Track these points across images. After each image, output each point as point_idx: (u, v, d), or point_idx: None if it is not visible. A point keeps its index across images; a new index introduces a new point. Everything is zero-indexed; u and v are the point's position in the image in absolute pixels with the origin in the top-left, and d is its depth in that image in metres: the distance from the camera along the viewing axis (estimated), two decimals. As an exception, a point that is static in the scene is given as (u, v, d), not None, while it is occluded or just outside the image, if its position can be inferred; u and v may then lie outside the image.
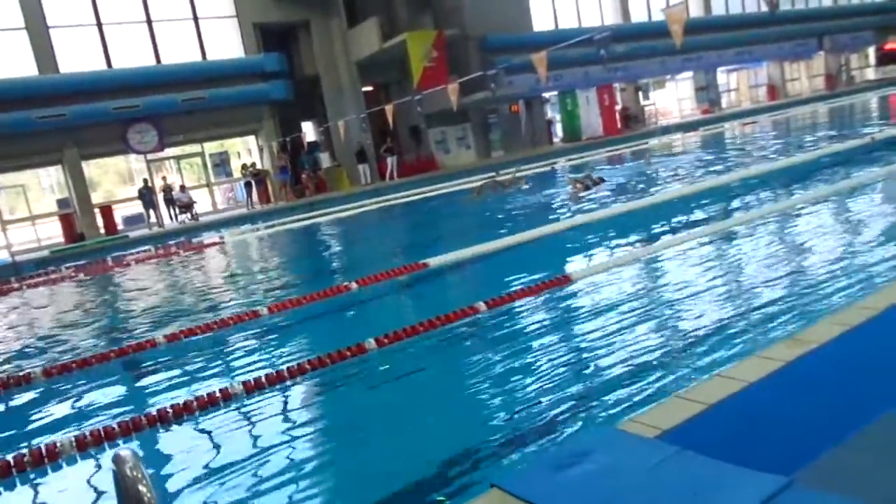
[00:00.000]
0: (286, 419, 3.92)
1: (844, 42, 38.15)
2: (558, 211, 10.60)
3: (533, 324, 4.98)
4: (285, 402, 4.14)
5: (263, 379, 4.17)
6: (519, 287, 5.63)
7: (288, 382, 4.22)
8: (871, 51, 41.77)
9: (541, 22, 28.76)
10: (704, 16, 32.79)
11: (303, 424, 3.83)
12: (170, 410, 3.87)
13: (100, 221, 19.99)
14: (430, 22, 23.56)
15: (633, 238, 7.66)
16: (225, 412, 3.94)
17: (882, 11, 40.80)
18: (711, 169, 12.67)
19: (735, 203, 8.73)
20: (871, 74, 41.99)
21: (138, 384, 5.03)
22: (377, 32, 21.86)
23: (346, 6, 22.86)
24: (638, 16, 32.19)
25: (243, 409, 3.96)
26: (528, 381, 3.78)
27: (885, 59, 41.20)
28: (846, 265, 5.05)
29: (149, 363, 5.36)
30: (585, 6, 30.78)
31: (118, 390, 4.99)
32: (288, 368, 4.33)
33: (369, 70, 23.50)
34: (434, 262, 7.08)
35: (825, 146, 12.78)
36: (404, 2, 23.59)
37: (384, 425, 3.67)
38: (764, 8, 32.38)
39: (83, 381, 5.05)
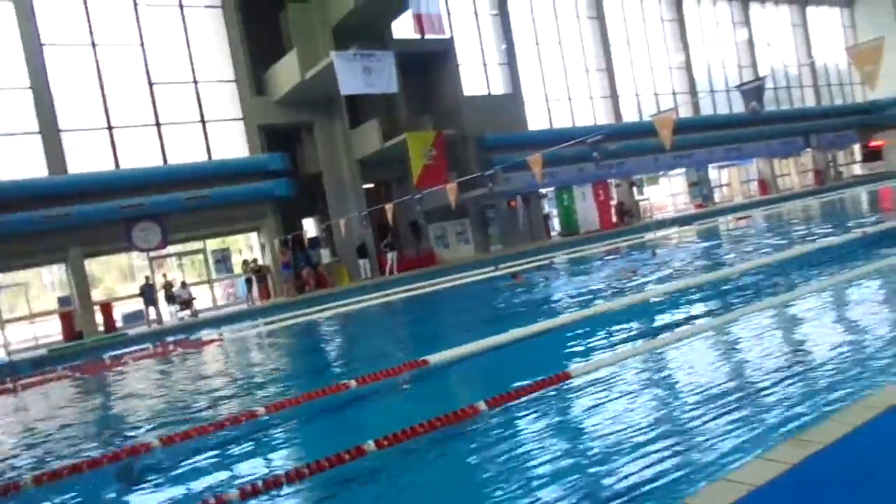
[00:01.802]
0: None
1: (830, 140, 39.48)
2: (558, 305, 10.62)
3: (531, 424, 4.90)
4: (282, 508, 4.02)
5: (260, 484, 4.07)
6: (518, 385, 5.57)
7: (285, 488, 4.11)
8: (857, 148, 43.16)
9: (536, 121, 29.86)
10: (693, 116, 34.07)
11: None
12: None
13: (99, 318, 19.97)
14: (429, 122, 24.46)
15: (633, 333, 7.66)
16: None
17: (863, 112, 42.49)
18: (709, 263, 12.80)
19: (734, 296, 8.77)
20: (858, 170, 43.20)
21: (130, 491, 4.89)
22: (378, 133, 22.65)
23: (348, 109, 23.77)
24: (629, 115, 33.49)
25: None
26: (528, 485, 3.69)
27: (870, 155, 42.55)
28: (845, 361, 5.04)
29: (145, 467, 5.23)
30: (578, 106, 32.05)
31: (110, 498, 4.84)
32: (286, 473, 4.23)
33: (370, 168, 24.16)
34: (434, 359, 7.03)
35: (819, 240, 12.97)
36: (405, 104, 24.59)
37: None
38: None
39: (76, 489, 4.92)
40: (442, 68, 26.33)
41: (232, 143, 22.76)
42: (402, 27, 24.31)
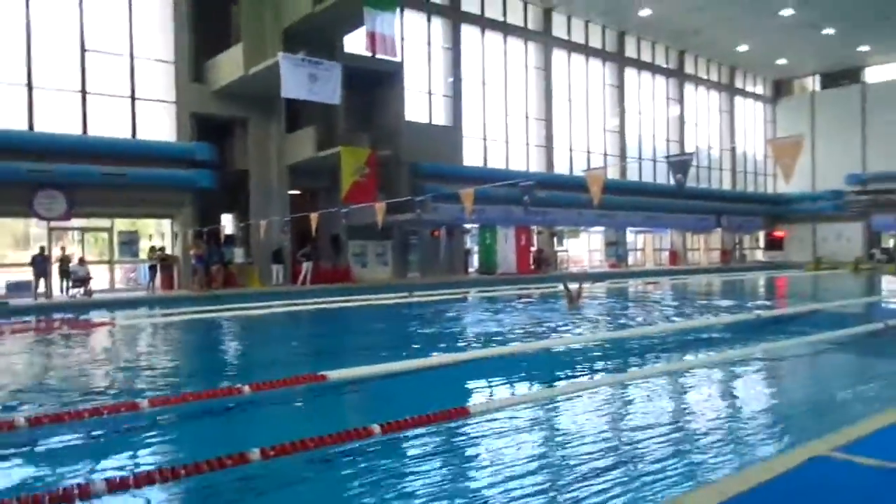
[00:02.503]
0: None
1: (739, 223, 42.06)
2: (466, 339, 10.69)
3: (424, 455, 4.88)
4: (150, 509, 3.81)
5: (131, 480, 3.84)
6: (416, 415, 5.53)
7: (157, 485, 3.90)
8: (762, 235, 46.14)
9: (471, 157, 30.34)
10: (620, 178, 35.52)
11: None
12: (16, 502, 3.48)
13: (-20, 283, 18.59)
14: (365, 140, 24.39)
15: (534, 378, 7.78)
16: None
17: (772, 202, 45.59)
18: (616, 321, 13.23)
19: (632, 357, 9.08)
20: (760, 255, 46.10)
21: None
22: (313, 141, 22.37)
23: (286, 112, 23.42)
24: (560, 167, 34.57)
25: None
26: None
27: (772, 243, 45.59)
28: (726, 432, 5.29)
29: (3, 446, 4.86)
30: (514, 150, 32.83)
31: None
32: (160, 470, 4.01)
33: (299, 174, 23.78)
34: (334, 375, 6.91)
35: (719, 315, 13.66)
36: (344, 117, 24.46)
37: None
38: (673, 181, 35.48)
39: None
40: (387, 89, 26.43)
41: (160, 126, 21.93)
42: (355, 42, 24.30)
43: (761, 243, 46.91)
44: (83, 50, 20.68)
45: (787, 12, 34.10)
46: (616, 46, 38.00)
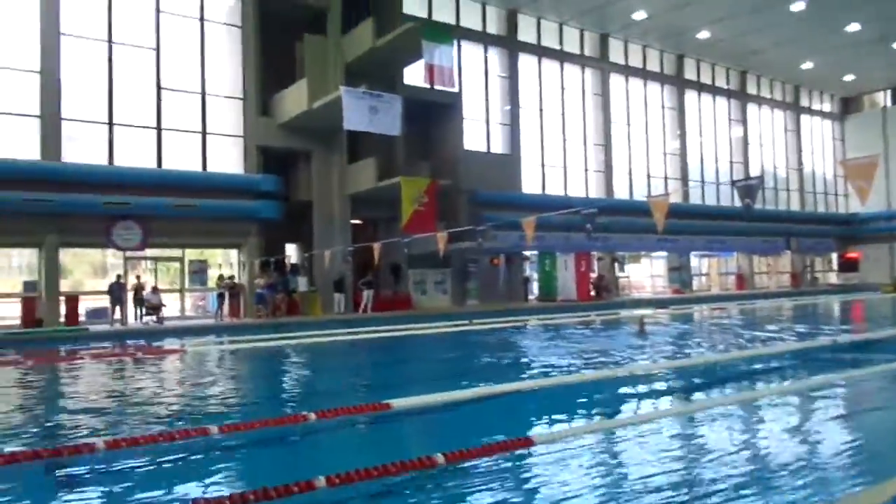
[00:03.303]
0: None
1: (809, 245, 40.47)
2: (528, 368, 10.61)
3: (486, 486, 4.85)
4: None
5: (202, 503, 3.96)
6: (480, 444, 5.52)
7: (229, 512, 4.00)
8: (834, 256, 44.25)
9: (529, 185, 30.32)
10: (682, 202, 34.80)
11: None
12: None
13: (62, 310, 19.57)
14: (425, 169, 24.74)
15: (597, 408, 7.65)
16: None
17: (843, 223, 43.75)
18: (682, 349, 12.89)
19: (700, 386, 8.82)
20: (833, 278, 44.16)
21: (67, 491, 4.73)
22: (374, 171, 22.83)
23: (348, 144, 24.00)
24: (620, 192, 34.14)
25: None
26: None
27: (846, 265, 43.62)
28: (804, 467, 5.07)
29: (83, 469, 5.08)
30: (572, 176, 32.65)
31: (45, 496, 4.68)
32: (230, 496, 4.12)
33: (360, 204, 24.26)
34: (398, 403, 6.95)
35: (790, 342, 13.14)
36: (404, 148, 24.90)
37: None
38: (738, 203, 34.51)
39: (10, 480, 4.75)
40: (446, 120, 26.80)
41: (228, 159, 22.82)
42: (414, 74, 24.81)
43: (834, 265, 44.97)
44: (159, 88, 21.82)
45: (853, 28, 33.06)
46: (675, 69, 37.53)
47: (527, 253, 29.33)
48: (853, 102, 47.81)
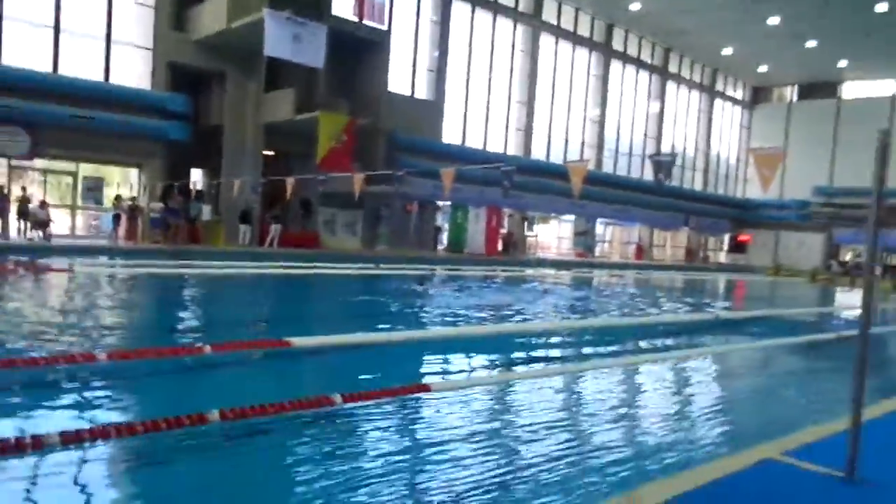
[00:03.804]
0: (99, 480, 3.54)
1: (706, 224, 42.74)
2: (430, 316, 10.73)
3: (381, 428, 4.90)
4: (104, 462, 3.76)
5: (86, 433, 3.78)
6: (378, 387, 5.55)
7: (113, 440, 3.85)
8: (727, 237, 47.03)
9: (450, 135, 30.20)
10: (596, 170, 35.74)
11: (115, 487, 3.48)
12: (-36, 449, 3.40)
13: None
14: (346, 107, 24.08)
15: (493, 360, 7.86)
16: (37, 463, 3.52)
17: (740, 207, 46.40)
18: (579, 311, 13.40)
19: (590, 348, 9.22)
20: (723, 258, 47.01)
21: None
22: (292, 103, 22.02)
23: (266, 70, 22.95)
24: (538, 152, 34.64)
25: (57, 461, 3.57)
26: (356, 483, 3.67)
27: (737, 247, 46.50)
28: (678, 429, 5.41)
29: None
30: (493, 131, 32.78)
31: None
32: (116, 425, 3.96)
33: (275, 136, 23.42)
34: (298, 342, 6.86)
35: (679, 313, 13.92)
36: (326, 82, 24.08)
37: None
38: (648, 176, 35.77)
39: None
40: (372, 58, 26.05)
41: (134, 73, 21.34)
42: (343, 5, 23.88)
43: (725, 246, 47.82)
44: (59, -16, 19.95)
45: (774, 21, 34.45)
46: (604, 37, 38.02)
47: (440, 203, 29.39)
48: (763, 93, 50.22)
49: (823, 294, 26.64)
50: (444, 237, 30.69)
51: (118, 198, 21.18)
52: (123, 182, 23.01)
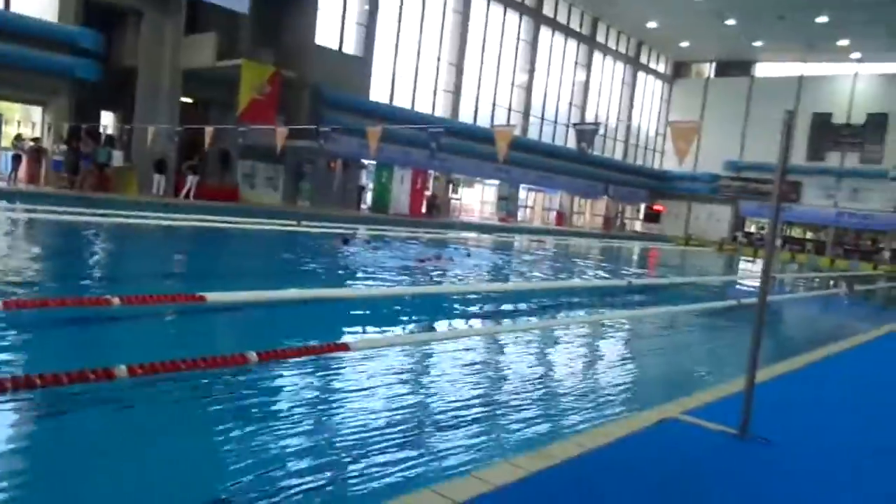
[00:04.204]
0: (-6, 438, 3.38)
1: (624, 194, 44.10)
2: (351, 276, 10.66)
3: (299, 386, 4.87)
4: (2, 415, 3.59)
5: (-22, 386, 3.57)
6: (295, 345, 5.49)
7: (9, 394, 3.65)
8: (643, 207, 48.71)
9: (377, 93, 29.67)
10: (521, 136, 36.05)
11: (15, 441, 3.32)
12: None
13: None
14: (270, 56, 23.18)
15: (412, 321, 7.91)
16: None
17: (656, 178, 48.01)
18: (499, 274, 13.62)
19: (507, 311, 9.42)
20: (638, 226, 48.74)
21: None
22: (214, 48, 20.99)
23: (186, 13, 21.75)
24: (465, 115, 34.57)
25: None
26: (267, 446, 3.65)
27: (651, 216, 48.30)
28: (586, 390, 5.64)
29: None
30: (421, 91, 32.42)
31: None
32: (13, 378, 3.75)
33: (193, 82, 22.34)
34: (213, 297, 6.68)
35: (595, 279, 14.38)
36: (249, 29, 23.08)
37: (105, 461, 3.30)
38: (572, 144, 36.39)
39: None
40: (299, 7, 25.10)
41: (40, 3, 19.73)
42: (270, -51, 22.83)
43: (641, 215, 49.55)
44: None
45: (697, -3, 35.38)
46: (535, 2, 38.01)
47: (365, 161, 28.99)
48: (683, 68, 51.71)
49: (728, 263, 28.13)
50: (369, 196, 30.39)
51: (18, 137, 19.77)
52: (25, 121, 21.47)
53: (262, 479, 3.21)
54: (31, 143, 19.60)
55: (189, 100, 23.15)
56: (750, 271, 23.94)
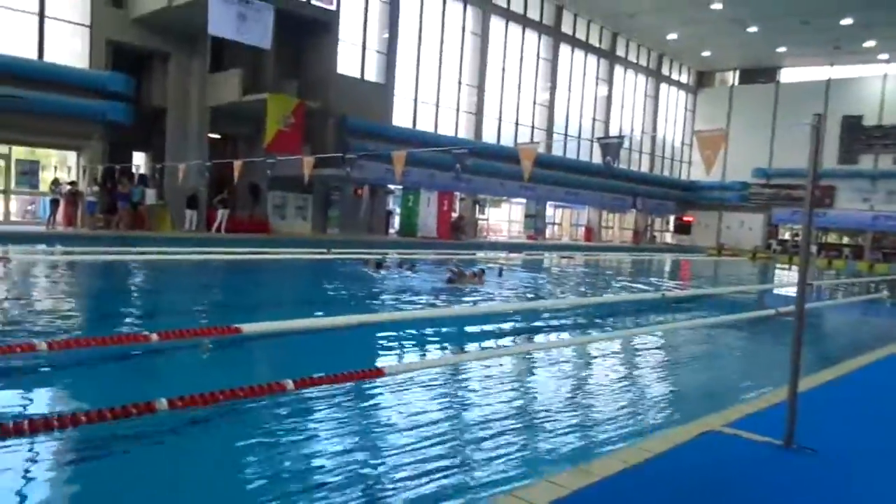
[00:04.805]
0: (47, 471, 3.45)
1: (653, 206, 43.70)
2: (383, 300, 10.70)
3: (336, 413, 4.89)
4: (50, 454, 3.66)
5: (25, 425, 3.66)
6: (332, 372, 5.53)
7: (56, 432, 3.74)
8: (672, 219, 48.21)
9: (400, 118, 30.00)
10: (545, 153, 36.05)
11: (63, 479, 3.39)
12: None
13: None
14: (294, 88, 23.64)
15: (446, 343, 7.91)
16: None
17: (684, 188, 47.55)
18: (532, 292, 13.56)
19: (541, 328, 9.36)
20: (668, 238, 48.19)
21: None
22: (239, 84, 21.47)
23: (212, 51, 22.32)
24: (488, 136, 34.72)
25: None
26: (309, 473, 3.67)
27: (681, 228, 47.76)
28: (626, 405, 5.57)
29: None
30: (444, 114, 32.68)
31: None
32: (60, 416, 3.85)
33: (220, 118, 22.85)
34: (248, 328, 6.78)
35: (627, 293, 14.23)
36: (272, 62, 23.57)
37: (149, 492, 3.35)
38: (597, 160, 36.28)
39: None
40: (320, 39, 25.60)
41: (72, 51, 20.44)
42: (290, -15, 23.33)
43: (671, 226, 49.01)
44: (-13, -42, 18.93)
45: (716, 6, 35.18)
46: (553, 21, 38.20)
47: (391, 186, 29.24)
48: (706, 77, 51.33)
49: (763, 272, 27.61)
50: (396, 221, 30.58)
51: (56, 182, 20.36)
52: (61, 165, 22.12)
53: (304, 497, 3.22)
54: (69, 187, 20.17)
55: (217, 136, 23.65)
56: (786, 279, 23.47)
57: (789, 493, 3.22)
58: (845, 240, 43.63)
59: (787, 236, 44.72)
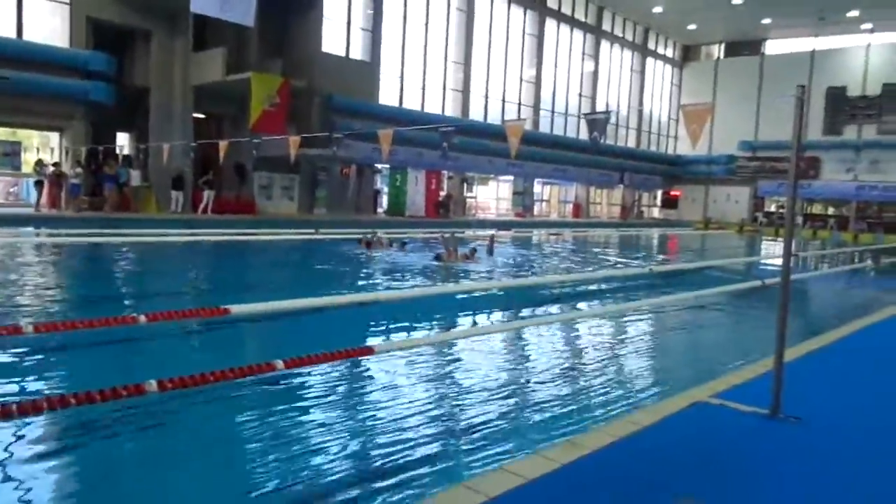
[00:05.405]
0: (35, 454, 3.44)
1: (640, 181, 43.76)
2: (371, 279, 10.70)
3: (327, 391, 4.91)
4: (35, 437, 3.65)
5: (14, 407, 3.64)
6: (320, 351, 5.53)
7: (45, 414, 3.72)
8: (659, 193, 48.36)
9: (386, 96, 29.76)
10: (533, 130, 35.96)
11: (49, 459, 3.39)
12: None
13: None
14: (278, 67, 23.37)
15: (435, 321, 7.93)
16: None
17: (671, 163, 47.65)
18: (518, 270, 13.59)
19: (531, 305, 9.40)
20: (655, 213, 48.38)
21: None
22: (222, 63, 21.19)
23: (194, 29, 21.97)
24: (475, 113, 34.54)
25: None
26: (302, 449, 3.69)
27: (668, 202, 47.94)
28: (616, 378, 5.62)
29: None
30: (430, 92, 32.45)
31: None
32: (48, 398, 3.82)
33: (204, 97, 22.57)
34: (237, 309, 6.74)
35: (615, 268, 14.31)
36: (256, 41, 23.26)
37: (141, 473, 3.36)
38: (584, 136, 36.22)
39: None
40: (304, 16, 25.27)
41: (51, 30, 20.04)
42: (272, -40, 22.96)
43: (658, 201, 49.17)
44: (-41, -65, 18.45)
45: (702, -21, 35.03)
46: (539, -5, 37.89)
47: (378, 166, 29.08)
48: (692, 51, 51.21)
49: (750, 244, 27.81)
50: (384, 200, 30.47)
51: (39, 162, 20.09)
52: (43, 147, 21.82)
53: (299, 476, 3.24)
54: (52, 168, 19.90)
55: (201, 115, 23.37)
56: (772, 251, 23.65)
57: (775, 460, 3.28)
58: (830, 210, 43.99)
59: (773, 208, 44.99)
